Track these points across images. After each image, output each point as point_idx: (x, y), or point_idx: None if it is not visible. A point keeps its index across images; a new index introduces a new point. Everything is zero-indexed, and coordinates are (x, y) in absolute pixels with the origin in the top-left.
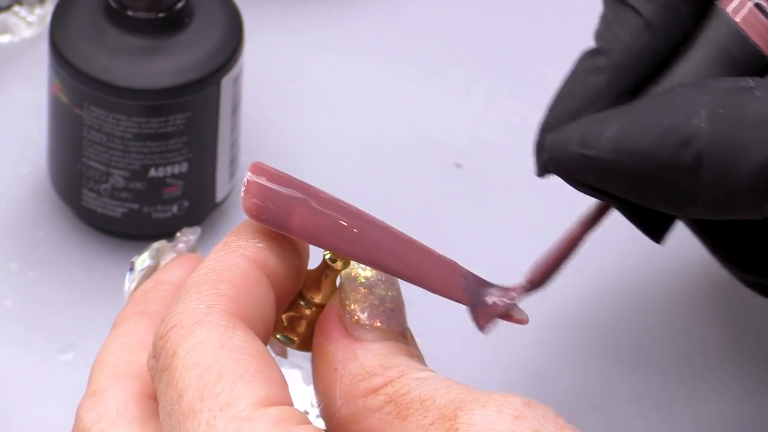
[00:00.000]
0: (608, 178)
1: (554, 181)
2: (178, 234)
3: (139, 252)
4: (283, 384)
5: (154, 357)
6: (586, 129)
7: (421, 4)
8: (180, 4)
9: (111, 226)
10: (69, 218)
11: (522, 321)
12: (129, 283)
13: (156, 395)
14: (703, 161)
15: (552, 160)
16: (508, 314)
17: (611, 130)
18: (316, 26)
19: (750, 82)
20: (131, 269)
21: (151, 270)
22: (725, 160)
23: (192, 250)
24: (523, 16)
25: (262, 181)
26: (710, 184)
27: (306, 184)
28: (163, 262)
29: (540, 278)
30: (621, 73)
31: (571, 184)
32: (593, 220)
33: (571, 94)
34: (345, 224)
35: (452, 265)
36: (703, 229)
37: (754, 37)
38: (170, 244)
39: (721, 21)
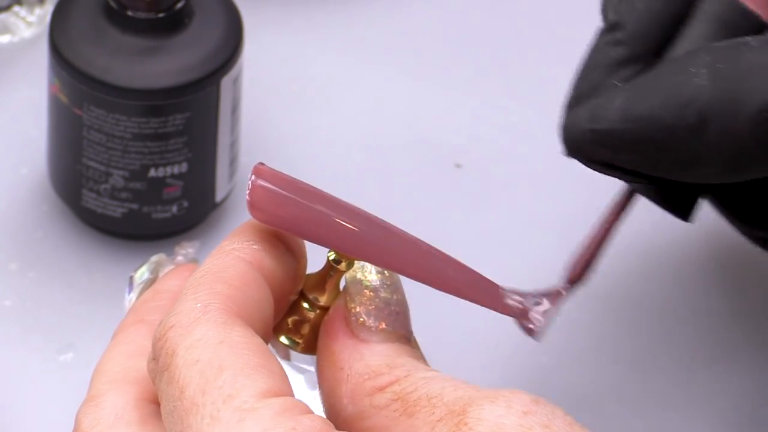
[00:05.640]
0: (619, 150)
1: (554, 181)
2: (176, 248)
3: (138, 265)
4: (284, 376)
5: (154, 359)
6: (594, 105)
7: (421, 5)
8: (180, 4)
9: (111, 226)
10: (69, 218)
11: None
12: (128, 296)
13: (155, 398)
14: (707, 117)
15: (566, 141)
16: (552, 315)
17: (617, 102)
18: (316, 26)
19: (747, 38)
20: (130, 283)
21: (150, 283)
22: (727, 113)
23: (191, 263)
24: (523, 17)
25: (267, 184)
26: (716, 140)
27: (310, 186)
28: (161, 275)
29: (578, 274)
30: (640, 41)
31: (588, 166)
32: (621, 207)
33: (593, 68)
34: (354, 228)
35: (474, 274)
36: (714, 192)
37: (751, 4)
38: (169, 257)
39: None
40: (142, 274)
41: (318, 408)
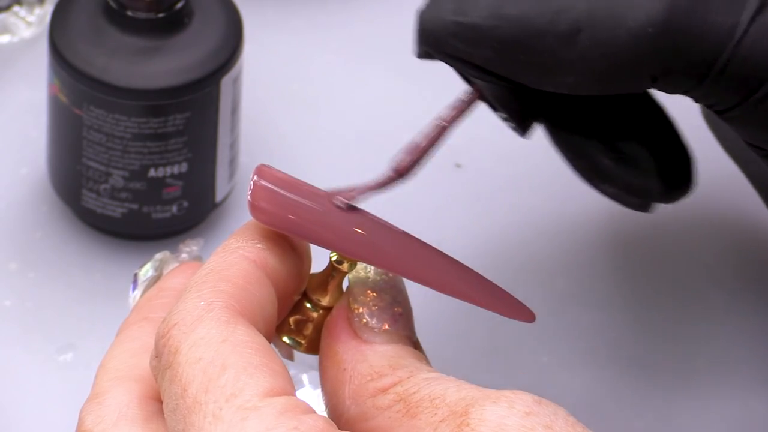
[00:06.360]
0: (481, 46)
1: (554, 181)
2: (181, 245)
3: (142, 263)
4: (287, 376)
5: (157, 357)
6: None
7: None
8: (180, 4)
9: (111, 227)
10: (69, 218)
11: (529, 319)
12: (132, 294)
13: (158, 396)
14: (581, 27)
15: (423, 31)
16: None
17: None
18: (316, 26)
19: None
20: (134, 281)
21: (154, 280)
22: (605, 23)
23: (195, 260)
24: None
25: (268, 185)
26: (587, 50)
27: (311, 186)
28: (165, 272)
29: (406, 167)
30: None
31: (443, 59)
32: (461, 109)
33: None
34: (356, 229)
35: (476, 275)
36: (552, 117)
37: None
38: (173, 255)
39: None
40: (147, 271)
41: (321, 408)
